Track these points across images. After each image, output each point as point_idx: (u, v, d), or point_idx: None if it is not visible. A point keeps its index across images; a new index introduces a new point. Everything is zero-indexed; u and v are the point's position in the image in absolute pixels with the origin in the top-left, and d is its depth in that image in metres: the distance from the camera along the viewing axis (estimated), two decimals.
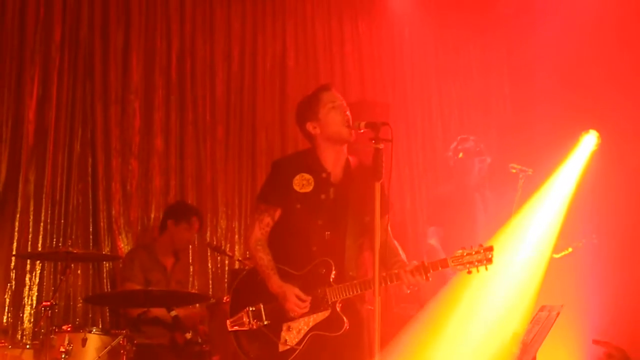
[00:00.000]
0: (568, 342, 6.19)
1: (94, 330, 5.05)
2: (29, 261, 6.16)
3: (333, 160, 4.09)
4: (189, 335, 5.31)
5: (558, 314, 4.71)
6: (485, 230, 5.73)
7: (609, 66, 7.14)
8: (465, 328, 5.27)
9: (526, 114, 8.09)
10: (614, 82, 6.99)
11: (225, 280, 6.85)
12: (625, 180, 6.82)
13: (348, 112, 4.05)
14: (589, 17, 7.27)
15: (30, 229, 6.21)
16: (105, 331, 5.15)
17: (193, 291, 6.42)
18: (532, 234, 5.81)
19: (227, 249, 6.85)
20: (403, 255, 4.03)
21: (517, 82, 8.58)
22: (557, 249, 5.93)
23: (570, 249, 5.88)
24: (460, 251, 3.84)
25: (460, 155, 6.02)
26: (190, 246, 6.69)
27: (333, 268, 3.91)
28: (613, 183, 6.78)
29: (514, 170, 5.86)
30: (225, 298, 5.84)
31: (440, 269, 3.86)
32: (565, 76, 7.51)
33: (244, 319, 3.93)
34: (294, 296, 3.87)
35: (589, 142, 6.01)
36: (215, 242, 6.88)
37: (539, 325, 4.79)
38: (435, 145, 8.29)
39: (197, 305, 6.12)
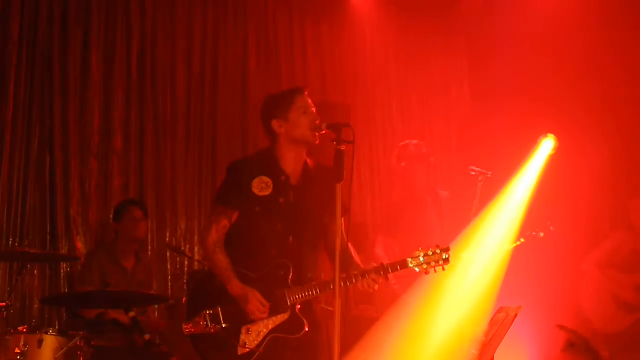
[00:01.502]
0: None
1: (51, 331, 4.96)
2: None
3: (292, 162, 4.09)
4: (147, 337, 5.25)
5: (516, 315, 4.75)
6: (441, 231, 5.78)
7: (569, 68, 7.24)
8: (430, 329, 5.32)
9: (487, 114, 8.16)
10: (574, 84, 7.10)
11: (185, 281, 6.80)
12: (581, 181, 6.93)
13: (318, 120, 4.01)
14: (551, 18, 7.36)
15: None
16: (62, 332, 5.05)
17: (151, 292, 6.36)
18: (491, 234, 5.87)
19: (187, 250, 6.82)
20: (357, 258, 4.06)
21: (478, 85, 8.65)
22: (509, 240, 5.98)
23: (522, 240, 5.93)
24: (418, 252, 3.90)
25: (403, 164, 6.07)
26: (150, 247, 6.64)
27: (291, 270, 3.92)
28: (567, 185, 6.88)
29: (473, 173, 5.91)
30: (184, 299, 5.81)
31: (399, 269, 3.91)
32: (526, 77, 7.59)
33: (202, 323, 3.89)
34: (256, 299, 3.86)
35: (547, 146, 6.08)
36: (174, 243, 6.84)
37: (497, 326, 4.83)
38: (396, 147, 8.29)
39: (156, 313, 6.07)
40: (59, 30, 6.64)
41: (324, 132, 3.86)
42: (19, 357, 4.72)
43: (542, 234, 5.87)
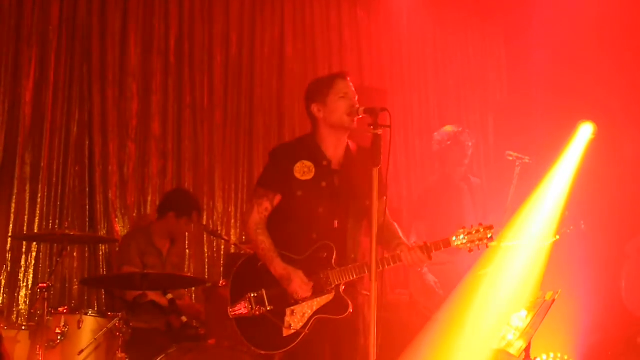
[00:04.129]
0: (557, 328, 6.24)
1: (90, 312, 5.06)
2: (25, 243, 6.15)
3: (333, 147, 4.09)
4: (184, 319, 5.31)
5: (554, 300, 4.72)
6: (474, 217, 5.76)
7: (607, 56, 7.15)
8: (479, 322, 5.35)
9: (523, 101, 8.10)
10: (610, 72, 7.01)
11: (221, 264, 6.86)
12: (617, 169, 6.86)
13: (357, 105, 4.00)
14: (589, 7, 7.27)
15: (27, 211, 6.21)
16: (101, 313, 5.16)
17: (189, 275, 6.43)
18: (533, 224, 5.85)
19: (224, 233, 6.85)
20: (403, 237, 4.06)
21: (515, 69, 8.59)
22: (544, 237, 5.94)
23: (557, 237, 5.89)
24: (461, 230, 3.90)
25: (449, 142, 6.05)
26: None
27: (334, 251, 3.92)
28: (605, 172, 6.81)
29: (510, 158, 5.88)
30: (221, 282, 5.86)
31: (442, 248, 3.91)
32: (563, 64, 7.52)
33: (247, 305, 3.91)
34: (299, 278, 3.87)
35: (585, 132, 6.03)
36: (211, 226, 6.88)
37: (534, 311, 4.81)
38: (432, 132, 8.25)
39: (193, 296, 6.13)
40: (97, 16, 6.68)
41: (361, 116, 3.85)
42: (59, 337, 4.85)
43: (571, 228, 5.84)
